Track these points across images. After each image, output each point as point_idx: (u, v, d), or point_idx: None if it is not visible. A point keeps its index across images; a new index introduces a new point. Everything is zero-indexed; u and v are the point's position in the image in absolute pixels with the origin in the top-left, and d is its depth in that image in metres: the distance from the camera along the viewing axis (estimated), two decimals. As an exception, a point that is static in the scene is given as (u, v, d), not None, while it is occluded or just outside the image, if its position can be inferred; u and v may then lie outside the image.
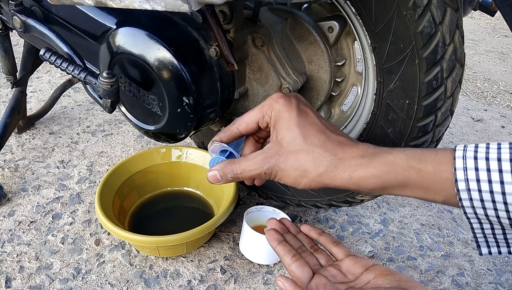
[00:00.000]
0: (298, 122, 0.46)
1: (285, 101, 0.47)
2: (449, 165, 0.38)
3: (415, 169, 0.40)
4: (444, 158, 0.39)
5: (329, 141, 0.45)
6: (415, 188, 0.41)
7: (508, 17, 0.45)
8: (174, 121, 0.65)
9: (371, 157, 0.43)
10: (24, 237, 0.87)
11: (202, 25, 0.62)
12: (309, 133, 0.45)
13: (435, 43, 0.53)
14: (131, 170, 0.91)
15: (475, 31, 2.37)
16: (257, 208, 0.83)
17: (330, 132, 0.46)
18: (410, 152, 0.41)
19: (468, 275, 0.85)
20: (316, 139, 0.45)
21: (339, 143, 0.45)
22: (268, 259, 0.80)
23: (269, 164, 0.46)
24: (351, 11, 0.58)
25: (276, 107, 0.47)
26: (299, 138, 0.45)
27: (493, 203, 0.36)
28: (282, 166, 0.45)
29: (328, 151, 0.44)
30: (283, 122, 0.46)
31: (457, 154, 0.38)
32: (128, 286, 0.77)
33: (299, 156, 0.45)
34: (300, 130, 0.45)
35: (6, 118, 1.06)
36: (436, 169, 0.39)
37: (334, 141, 0.45)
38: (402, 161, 0.41)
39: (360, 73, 0.70)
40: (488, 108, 1.54)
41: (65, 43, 0.69)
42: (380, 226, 0.95)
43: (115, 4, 0.48)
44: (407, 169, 0.41)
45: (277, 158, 0.46)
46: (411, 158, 0.41)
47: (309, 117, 0.47)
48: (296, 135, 0.45)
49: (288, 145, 0.45)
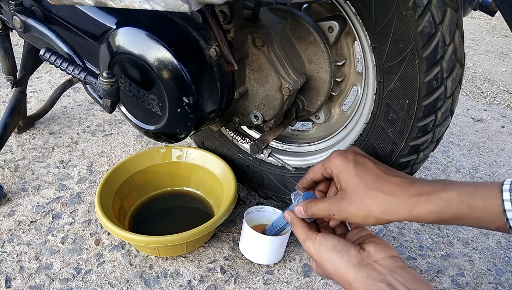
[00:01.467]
0: (357, 172, 0.53)
1: (343, 157, 0.55)
2: (497, 198, 0.43)
3: (467, 203, 0.45)
4: (492, 192, 0.44)
5: (387, 183, 0.51)
6: (469, 220, 0.46)
7: (508, 17, 0.45)
8: (174, 121, 0.65)
9: (427, 195, 0.48)
10: (24, 237, 0.87)
11: (202, 25, 0.62)
12: (368, 179, 0.52)
13: (435, 43, 0.53)
14: (131, 170, 0.91)
15: (475, 31, 2.37)
16: (257, 208, 0.83)
17: (387, 175, 0.52)
18: (462, 188, 0.46)
19: (468, 275, 0.85)
20: (375, 184, 0.51)
21: (396, 184, 0.50)
22: (268, 259, 0.80)
23: (337, 207, 0.53)
24: (351, 11, 0.58)
25: (335, 163, 0.55)
26: (360, 184, 0.52)
27: None
28: (349, 209, 0.52)
29: (387, 193, 0.50)
30: (344, 174, 0.54)
31: (504, 187, 0.43)
32: (128, 286, 0.77)
33: (363, 199, 0.51)
34: (360, 178, 0.52)
35: (6, 118, 1.06)
36: (486, 203, 0.44)
37: (392, 183, 0.51)
38: (455, 198, 0.46)
39: (360, 73, 0.70)
40: (488, 108, 1.54)
41: (65, 43, 0.69)
42: (380, 226, 0.95)
43: (115, 4, 0.48)
44: (460, 204, 0.45)
45: (343, 203, 0.53)
46: (463, 194, 0.45)
47: (367, 165, 0.54)
48: (357, 183, 0.52)
49: (351, 192, 0.52)
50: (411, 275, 0.47)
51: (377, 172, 0.52)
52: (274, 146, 0.88)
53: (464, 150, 1.26)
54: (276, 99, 0.68)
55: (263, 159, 0.87)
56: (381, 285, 0.46)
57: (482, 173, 1.16)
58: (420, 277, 0.47)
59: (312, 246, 0.54)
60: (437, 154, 1.22)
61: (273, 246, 0.77)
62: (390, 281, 0.46)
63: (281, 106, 0.69)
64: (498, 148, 1.28)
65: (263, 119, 0.71)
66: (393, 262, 0.49)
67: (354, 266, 0.49)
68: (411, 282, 0.45)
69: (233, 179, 0.86)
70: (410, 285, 0.45)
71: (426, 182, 0.49)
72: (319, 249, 0.53)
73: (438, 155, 1.22)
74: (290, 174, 0.84)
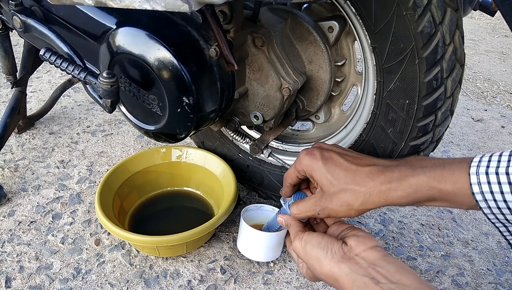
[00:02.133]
0: (327, 170, 0.54)
1: (310, 156, 0.56)
2: (465, 183, 0.44)
3: (437, 189, 0.46)
4: (460, 176, 0.45)
5: (358, 175, 0.52)
6: (441, 202, 0.48)
7: (508, 17, 0.45)
8: (174, 121, 0.65)
9: (397, 181, 0.49)
10: (24, 237, 0.87)
11: (202, 25, 0.62)
12: (339, 175, 0.53)
13: (435, 43, 0.53)
14: (131, 170, 0.91)
15: (475, 31, 2.37)
16: (257, 206, 0.83)
17: (356, 166, 0.53)
18: (431, 172, 0.47)
19: (468, 275, 0.85)
20: (347, 178, 0.52)
21: (366, 174, 0.51)
22: (266, 256, 0.79)
23: (319, 207, 0.54)
24: (351, 11, 0.58)
25: (304, 164, 0.56)
26: (333, 181, 0.53)
27: (509, 209, 0.42)
28: (330, 206, 0.53)
29: (360, 185, 0.51)
30: (316, 173, 0.55)
31: (471, 170, 0.44)
32: (128, 286, 0.77)
33: (340, 196, 0.52)
34: (331, 175, 0.53)
35: (6, 118, 1.06)
36: (455, 187, 0.45)
37: (362, 173, 0.52)
38: (424, 183, 0.47)
39: (360, 73, 0.70)
40: (488, 108, 1.54)
41: (65, 43, 0.69)
42: (380, 226, 0.95)
43: (115, 4, 0.48)
44: (430, 189, 0.47)
45: (324, 201, 0.54)
46: (432, 179, 0.46)
47: (334, 160, 0.54)
48: (330, 180, 0.53)
49: (327, 190, 0.53)
50: (393, 264, 0.47)
51: (346, 166, 0.53)
52: (274, 146, 0.88)
53: (464, 150, 1.26)
54: (276, 99, 0.68)
55: (263, 159, 0.87)
56: (364, 280, 0.46)
57: (482, 173, 1.16)
58: (403, 265, 0.47)
59: (299, 245, 0.55)
60: (437, 154, 1.22)
61: (271, 242, 0.77)
62: (373, 275, 0.46)
63: (281, 106, 0.69)
64: (498, 148, 1.28)
65: (263, 119, 0.71)
66: (375, 253, 0.49)
67: (337, 261, 0.50)
68: (394, 273, 0.46)
69: (233, 179, 0.86)
70: (393, 276, 0.45)
71: (395, 167, 0.50)
72: (305, 247, 0.54)
73: (438, 155, 1.22)
74: (290, 174, 0.84)
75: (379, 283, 0.45)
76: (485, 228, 0.97)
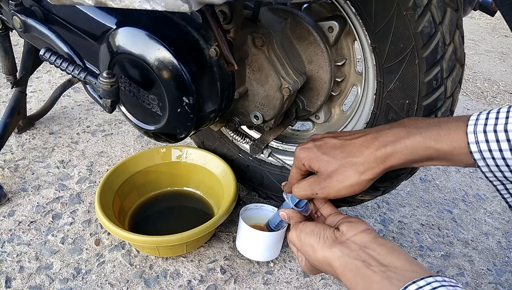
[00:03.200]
0: (323, 152, 0.54)
1: (305, 149, 0.56)
2: (463, 141, 0.43)
3: (433, 149, 0.46)
4: (457, 135, 0.44)
5: (353, 148, 0.52)
6: (438, 161, 0.47)
7: (508, 17, 0.45)
8: (174, 121, 0.65)
9: (393, 144, 0.49)
10: (24, 237, 0.87)
11: (202, 25, 0.62)
12: (335, 153, 0.53)
13: (435, 43, 0.53)
14: (131, 170, 0.91)
15: (475, 31, 2.37)
16: (257, 206, 0.83)
17: (349, 140, 0.53)
18: (426, 133, 0.46)
19: (468, 275, 0.85)
20: (343, 153, 0.52)
21: (361, 144, 0.51)
22: (265, 256, 0.79)
23: (318, 185, 0.55)
24: (351, 11, 0.58)
25: (302, 157, 0.56)
26: (331, 160, 0.53)
27: (507, 166, 0.42)
28: (330, 184, 0.53)
29: (356, 156, 0.51)
30: (314, 161, 0.55)
31: (469, 129, 0.43)
32: (128, 286, 0.77)
33: (339, 171, 0.52)
34: (328, 155, 0.53)
35: (6, 118, 1.06)
36: (452, 147, 0.45)
37: (357, 144, 0.52)
38: (421, 144, 0.47)
39: (360, 73, 0.70)
40: (488, 108, 1.53)
41: (65, 43, 0.69)
42: (380, 226, 0.95)
43: (115, 4, 0.48)
44: (426, 150, 0.46)
45: (323, 180, 0.54)
46: (428, 139, 0.46)
47: (328, 142, 0.55)
48: (327, 160, 0.53)
49: (325, 170, 0.54)
50: (384, 246, 0.47)
51: (340, 143, 0.53)
52: (274, 146, 0.88)
53: (464, 150, 1.26)
54: (276, 99, 0.68)
55: (263, 159, 0.87)
56: (356, 263, 0.46)
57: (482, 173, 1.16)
58: (394, 247, 0.47)
59: (294, 234, 0.55)
60: (437, 154, 1.22)
61: (269, 242, 0.77)
62: (364, 258, 0.46)
63: (281, 106, 0.69)
64: (498, 148, 1.28)
65: (263, 119, 0.71)
66: (365, 236, 0.49)
67: (329, 246, 0.50)
68: (385, 255, 0.46)
69: (233, 179, 0.86)
70: (384, 259, 0.45)
71: (388, 130, 0.50)
72: (300, 236, 0.54)
73: (438, 155, 1.22)
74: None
75: (370, 265, 0.45)
76: (485, 228, 0.97)
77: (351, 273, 0.46)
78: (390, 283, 0.42)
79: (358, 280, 0.45)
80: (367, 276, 0.44)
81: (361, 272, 0.45)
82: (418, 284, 0.39)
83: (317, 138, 0.58)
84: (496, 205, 1.05)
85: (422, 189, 1.09)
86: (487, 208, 1.04)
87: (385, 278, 0.43)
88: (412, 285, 0.40)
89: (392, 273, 0.43)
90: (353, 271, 0.46)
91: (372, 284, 0.44)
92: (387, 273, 0.43)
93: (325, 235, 0.51)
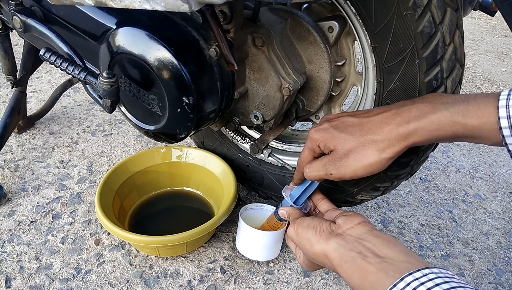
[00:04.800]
0: (340, 130, 0.51)
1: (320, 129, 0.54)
2: (492, 117, 0.42)
3: (461, 124, 0.44)
4: (486, 110, 0.42)
5: (372, 124, 0.49)
6: (464, 137, 0.46)
7: (508, 17, 0.45)
8: (174, 121, 0.65)
9: (417, 120, 0.46)
10: (24, 237, 0.87)
11: (202, 25, 0.62)
12: (354, 131, 0.50)
13: (435, 43, 0.53)
14: (131, 170, 0.91)
15: (475, 31, 2.37)
16: (257, 206, 0.83)
17: (368, 118, 0.50)
18: (454, 108, 0.44)
19: (468, 275, 0.85)
20: (362, 131, 0.50)
21: (381, 121, 0.49)
22: (265, 255, 0.79)
23: (333, 165, 0.52)
24: (351, 11, 0.58)
25: (317, 138, 0.54)
26: (348, 138, 0.50)
27: None
28: (346, 163, 0.50)
29: (376, 132, 0.48)
30: (330, 139, 0.52)
31: (500, 103, 0.42)
32: (128, 286, 0.77)
33: (357, 149, 0.49)
34: (345, 133, 0.51)
35: (6, 118, 1.06)
36: (480, 122, 0.43)
37: (377, 121, 0.49)
38: (447, 119, 0.45)
39: (360, 73, 0.70)
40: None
41: (65, 43, 0.69)
42: (380, 226, 0.95)
43: (115, 4, 0.48)
44: (453, 125, 0.44)
45: (338, 159, 0.51)
46: (455, 114, 0.44)
47: (345, 121, 0.52)
48: (345, 138, 0.51)
49: (342, 148, 0.51)
50: (380, 238, 0.47)
51: (358, 121, 0.51)
52: (274, 146, 0.88)
53: (464, 150, 1.26)
54: (276, 99, 0.68)
55: (263, 159, 0.87)
56: (352, 254, 0.46)
57: (482, 173, 1.16)
58: (390, 239, 0.47)
59: (292, 229, 0.55)
60: (437, 154, 1.22)
61: (269, 241, 0.77)
62: (360, 249, 0.46)
63: (281, 106, 0.69)
64: (498, 148, 1.28)
65: (263, 119, 0.71)
66: (361, 228, 0.49)
67: (326, 238, 0.50)
68: (381, 246, 0.45)
69: (233, 179, 0.86)
70: (379, 250, 0.45)
71: (412, 106, 0.48)
72: (297, 230, 0.54)
73: (438, 155, 1.22)
74: (290, 174, 0.84)
75: (366, 257, 0.45)
76: (485, 228, 0.97)
77: (347, 264, 0.46)
78: (386, 275, 0.42)
79: (354, 271, 0.45)
80: (363, 267, 0.44)
81: (357, 264, 0.45)
82: (414, 276, 0.39)
83: (331, 118, 0.55)
84: (496, 205, 1.05)
85: (422, 189, 1.09)
86: (487, 208, 1.04)
87: (381, 269, 0.43)
88: (408, 277, 0.40)
89: (388, 264, 0.43)
90: (349, 263, 0.46)
91: (368, 275, 0.44)
92: (382, 265, 0.43)
93: (322, 228, 0.51)
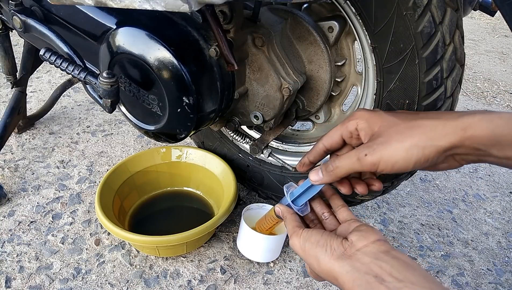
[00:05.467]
0: (389, 114, 0.47)
1: (367, 110, 0.49)
2: None
3: None
4: None
5: (426, 114, 0.46)
6: None
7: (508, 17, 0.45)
8: (174, 121, 0.65)
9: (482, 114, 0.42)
10: (24, 237, 0.87)
11: (202, 25, 0.62)
12: (405, 116, 0.46)
13: (435, 43, 0.53)
14: (131, 170, 0.91)
15: (475, 31, 2.37)
16: (258, 206, 0.83)
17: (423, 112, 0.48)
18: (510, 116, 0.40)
19: (468, 275, 0.85)
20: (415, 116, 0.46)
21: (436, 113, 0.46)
22: (266, 257, 0.80)
23: (368, 148, 0.46)
24: (351, 11, 0.58)
25: (360, 115, 0.49)
26: (396, 120, 0.46)
27: None
28: (385, 145, 0.45)
29: (431, 118, 0.44)
30: (374, 119, 0.48)
31: None
32: (128, 286, 0.77)
33: (402, 131, 0.45)
34: (395, 116, 0.47)
35: (6, 118, 1.06)
36: None
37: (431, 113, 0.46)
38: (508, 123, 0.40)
39: (360, 73, 0.70)
40: (488, 108, 1.53)
41: (65, 43, 0.69)
42: (380, 226, 0.95)
43: (115, 4, 0.48)
44: None
45: (377, 142, 0.46)
46: None
47: (397, 111, 0.48)
48: (392, 120, 0.46)
49: (386, 129, 0.46)
50: (398, 260, 0.43)
51: (412, 112, 0.47)
52: (274, 146, 0.88)
53: (464, 150, 1.26)
54: (276, 99, 0.68)
55: (263, 159, 0.87)
56: (367, 278, 0.41)
57: (482, 173, 1.16)
58: (409, 261, 0.43)
59: (297, 243, 0.51)
60: (437, 154, 1.22)
61: (270, 244, 0.77)
62: (376, 272, 0.41)
63: (281, 106, 0.69)
64: (498, 148, 1.28)
65: (263, 119, 0.71)
66: (378, 247, 0.44)
67: (337, 259, 0.45)
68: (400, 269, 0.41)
69: (233, 179, 0.86)
70: (399, 273, 0.40)
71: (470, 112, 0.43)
72: (304, 246, 0.50)
73: (438, 155, 1.22)
74: (290, 174, 0.84)
75: (384, 281, 0.40)
76: (485, 228, 0.97)
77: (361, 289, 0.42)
78: None
79: None
80: None
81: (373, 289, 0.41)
82: None
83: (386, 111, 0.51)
84: (496, 205, 1.05)
85: (422, 189, 1.09)
86: (487, 208, 1.04)
87: None
88: None
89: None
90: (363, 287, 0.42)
91: None
92: None
93: (333, 247, 0.47)
